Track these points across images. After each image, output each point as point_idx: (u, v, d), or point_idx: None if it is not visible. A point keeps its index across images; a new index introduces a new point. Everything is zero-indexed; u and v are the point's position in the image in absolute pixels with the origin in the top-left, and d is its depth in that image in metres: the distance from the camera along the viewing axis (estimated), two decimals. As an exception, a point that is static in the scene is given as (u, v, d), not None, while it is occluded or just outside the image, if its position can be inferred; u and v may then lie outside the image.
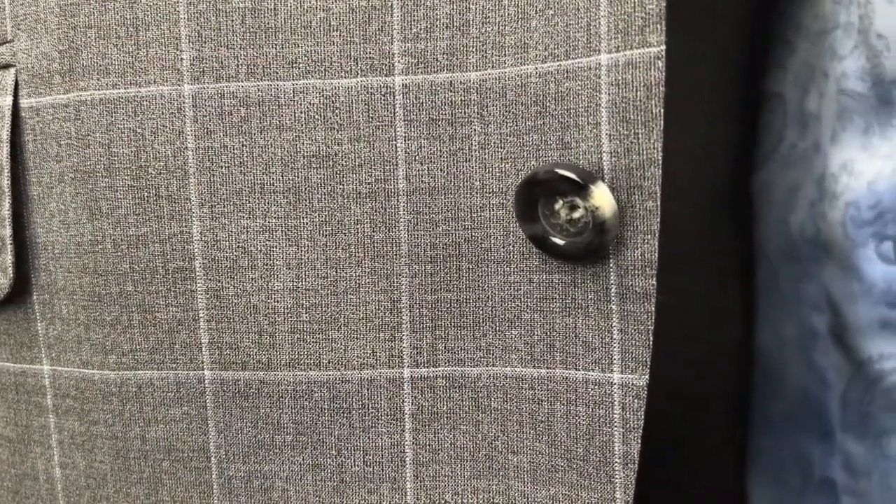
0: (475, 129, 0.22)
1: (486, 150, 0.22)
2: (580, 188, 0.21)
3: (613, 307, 0.21)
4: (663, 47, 0.20)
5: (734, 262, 0.30)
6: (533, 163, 0.21)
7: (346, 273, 0.23)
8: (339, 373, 0.23)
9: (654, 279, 0.20)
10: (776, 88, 0.32)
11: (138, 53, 0.23)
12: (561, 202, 0.21)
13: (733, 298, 0.29)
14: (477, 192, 0.23)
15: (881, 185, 0.26)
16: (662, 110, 0.20)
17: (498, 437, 0.23)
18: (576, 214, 0.21)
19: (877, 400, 0.28)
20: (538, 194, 0.21)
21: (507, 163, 0.22)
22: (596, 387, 0.22)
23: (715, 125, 0.25)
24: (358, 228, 0.23)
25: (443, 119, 0.22)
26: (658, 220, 0.20)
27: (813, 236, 0.29)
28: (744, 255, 0.31)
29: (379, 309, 0.23)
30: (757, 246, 0.33)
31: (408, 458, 0.24)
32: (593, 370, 0.22)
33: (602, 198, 0.20)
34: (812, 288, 0.30)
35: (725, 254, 0.29)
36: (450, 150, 0.22)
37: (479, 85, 0.22)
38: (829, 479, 0.31)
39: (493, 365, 0.23)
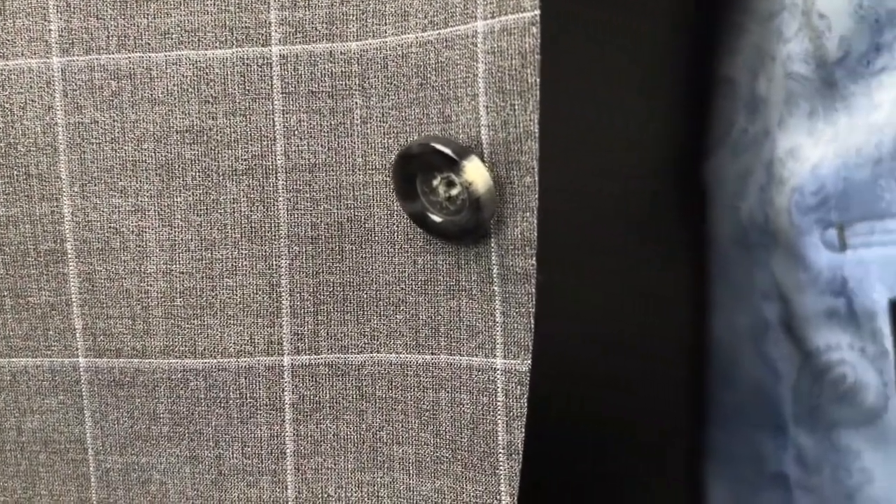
0: (357, 103, 0.21)
1: (369, 125, 0.21)
2: (453, 163, 0.20)
3: (496, 289, 0.20)
4: (538, 12, 0.19)
5: (680, 248, 0.29)
6: (415, 137, 0.21)
7: (221, 255, 0.22)
8: (215, 360, 0.23)
9: (535, 259, 0.20)
10: (727, 73, 0.31)
11: (4, 24, 0.22)
12: (439, 178, 0.20)
13: (678, 285, 0.28)
14: (359, 169, 0.22)
15: (824, 169, 0.25)
16: (538, 80, 0.19)
17: (383, 427, 0.22)
18: (454, 191, 0.20)
19: (825, 392, 0.27)
20: (414, 170, 0.20)
21: (390, 138, 0.21)
22: (479, 373, 0.21)
23: (641, 105, 0.24)
24: (234, 207, 0.22)
25: (323, 92, 0.21)
26: (536, 196, 0.19)
27: (762, 224, 0.28)
28: (694, 242, 0.31)
29: (257, 293, 0.22)
30: (709, 234, 0.32)
31: (288, 450, 0.23)
32: (477, 355, 0.21)
33: (475, 173, 0.20)
34: (762, 277, 0.29)
35: (667, 239, 0.28)
36: (330, 124, 0.21)
37: (360, 55, 0.21)
38: (782, 473, 0.31)
39: (378, 351, 0.22)
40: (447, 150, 0.20)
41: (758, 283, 0.29)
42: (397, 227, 0.22)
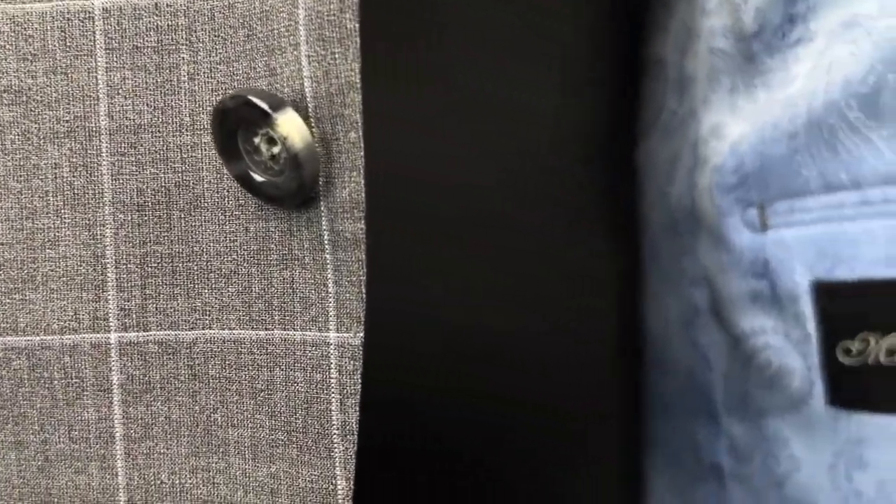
0: (184, 58, 0.20)
1: (196, 81, 0.20)
2: (266, 116, 0.19)
3: (328, 257, 0.19)
4: None
5: (602, 232, 0.28)
6: None
7: (43, 224, 0.21)
8: (38, 338, 0.21)
9: (363, 222, 0.19)
10: (658, 53, 0.30)
11: None
12: (259, 135, 0.19)
13: (596, 269, 0.27)
14: (187, 130, 0.21)
15: (743, 147, 0.24)
16: (358, 25, 0.18)
17: (217, 408, 0.21)
18: (275, 149, 0.19)
19: (752, 378, 0.26)
20: (232, 125, 0.19)
21: (218, 95, 0.20)
22: (313, 348, 0.20)
23: (539, 78, 0.24)
24: (56, 173, 0.21)
25: (148, 47, 0.20)
26: (362, 153, 0.18)
27: (689, 207, 0.27)
28: (622, 227, 0.30)
29: (81, 265, 0.21)
30: (642, 220, 0.32)
31: (117, 434, 0.22)
32: (310, 329, 0.20)
33: (289, 126, 0.18)
34: (690, 262, 0.28)
35: (584, 222, 0.27)
36: (156, 81, 0.20)
37: (187, 8, 0.20)
38: (717, 464, 0.30)
39: (210, 327, 0.21)
40: (260, 103, 0.18)
41: (686, 268, 0.29)
42: (228, 191, 0.20)
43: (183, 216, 0.21)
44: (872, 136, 0.21)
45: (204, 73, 0.20)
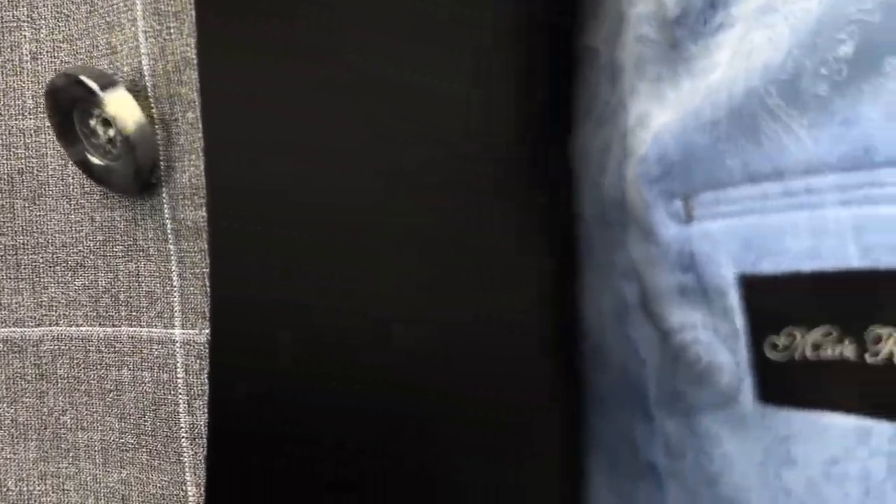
0: (25, 36, 0.19)
1: (39, 61, 0.19)
2: (94, 95, 0.17)
3: (171, 247, 0.18)
4: None
5: (526, 225, 0.27)
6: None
7: None
8: None
9: (205, 209, 0.18)
10: (591, 42, 0.29)
11: None
12: (95, 117, 0.18)
13: (525, 258, 0.27)
14: (30, 113, 0.19)
15: (666, 136, 0.23)
16: None
17: (66, 410, 0.20)
18: (111, 131, 0.18)
19: (683, 374, 0.26)
20: (66, 106, 0.18)
21: None
22: (159, 346, 0.19)
23: (444, 65, 0.23)
24: None
25: None
26: (200, 135, 0.17)
27: (619, 199, 0.27)
28: (553, 220, 0.29)
29: None
30: (577, 213, 0.31)
31: None
32: (156, 326, 0.19)
33: (119, 106, 0.17)
34: (621, 255, 0.27)
35: (504, 214, 0.26)
36: None
37: None
38: (653, 461, 0.29)
39: (57, 324, 0.20)
40: (88, 81, 0.17)
41: (617, 261, 0.28)
42: (72, 178, 0.19)
43: (27, 205, 0.19)
44: (793, 124, 0.20)
45: (46, 52, 0.19)
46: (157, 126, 0.18)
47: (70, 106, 0.18)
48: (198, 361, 0.18)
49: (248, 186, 0.17)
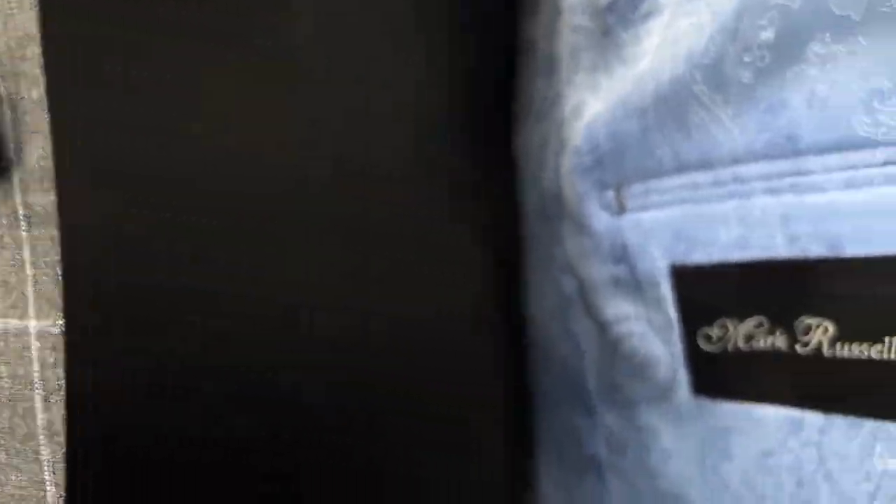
0: None
1: None
2: None
3: (24, 234, 0.17)
4: None
5: (480, 215, 0.26)
6: None
7: None
8: None
9: (56, 195, 0.17)
10: (531, 35, 0.29)
11: None
12: None
13: (474, 253, 0.26)
14: None
15: (597, 126, 0.23)
16: None
17: None
18: None
19: (621, 367, 0.26)
20: None
21: None
22: (15, 338, 0.18)
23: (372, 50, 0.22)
24: None
25: None
26: (46, 114, 0.17)
27: (556, 192, 0.26)
28: (495, 214, 0.29)
29: None
30: (520, 209, 0.31)
31: None
32: (12, 317, 0.18)
33: None
34: (559, 249, 0.27)
35: (453, 200, 0.25)
36: None
37: None
38: (595, 456, 0.29)
39: None
40: None
41: (557, 256, 0.27)
42: None
43: None
44: (719, 112, 0.20)
45: None
46: (4, 104, 0.17)
47: None
48: (53, 354, 0.17)
49: (101, 168, 0.17)
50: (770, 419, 0.22)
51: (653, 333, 0.23)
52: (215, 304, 0.18)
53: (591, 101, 0.23)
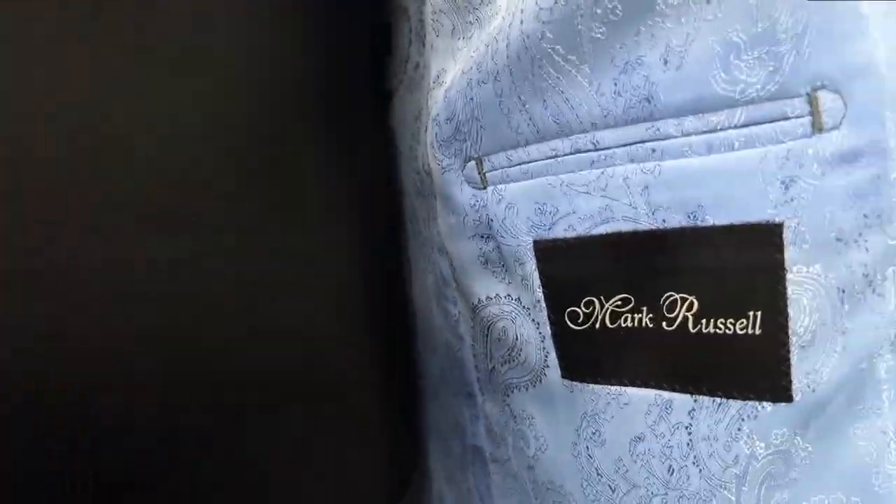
0: None
1: None
2: None
3: None
4: None
5: (350, 194, 0.24)
6: None
7: None
8: None
9: None
10: (404, 2, 0.27)
11: None
12: None
13: (340, 233, 0.24)
14: None
15: (453, 93, 0.21)
16: None
17: None
18: None
19: (494, 350, 0.24)
20: None
21: None
22: None
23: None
24: None
25: None
26: None
27: (427, 167, 0.25)
28: (370, 187, 0.27)
29: None
30: (399, 185, 0.29)
31: None
32: None
33: None
34: (434, 227, 0.25)
35: (318, 176, 0.23)
36: None
37: None
38: (479, 447, 0.27)
39: None
40: None
41: (433, 235, 0.26)
42: None
43: None
44: (575, 73, 0.18)
45: None
46: None
47: None
48: None
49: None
50: (639, 402, 0.20)
51: (523, 314, 0.22)
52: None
53: (451, 68, 0.22)
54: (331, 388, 0.25)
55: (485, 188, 0.21)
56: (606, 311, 0.20)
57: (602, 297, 0.20)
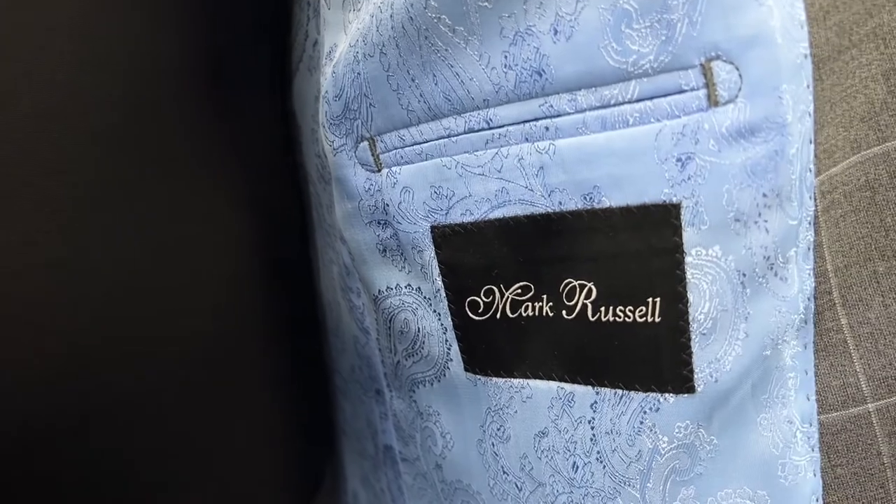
0: None
1: None
2: None
3: None
4: None
5: (237, 181, 0.23)
6: None
7: None
8: None
9: None
10: None
11: None
12: None
13: (229, 224, 0.23)
14: None
15: (341, 68, 0.20)
16: None
17: None
18: None
19: (398, 344, 0.23)
20: None
21: None
22: None
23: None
24: None
25: None
26: None
27: (324, 150, 0.23)
28: (272, 175, 0.25)
29: None
30: (301, 171, 0.27)
31: None
32: None
33: None
34: (335, 215, 0.24)
35: (203, 164, 0.22)
36: None
37: None
38: (389, 446, 0.26)
39: None
40: None
41: (336, 222, 0.24)
42: None
43: None
44: (464, 46, 0.17)
45: None
46: None
47: None
48: None
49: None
50: (542, 396, 0.19)
51: (424, 305, 0.21)
52: None
53: (343, 42, 0.20)
54: (228, 388, 0.24)
55: (379, 171, 0.20)
56: (507, 300, 0.19)
57: (502, 286, 0.19)
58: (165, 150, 0.20)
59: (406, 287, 0.21)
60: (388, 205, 0.20)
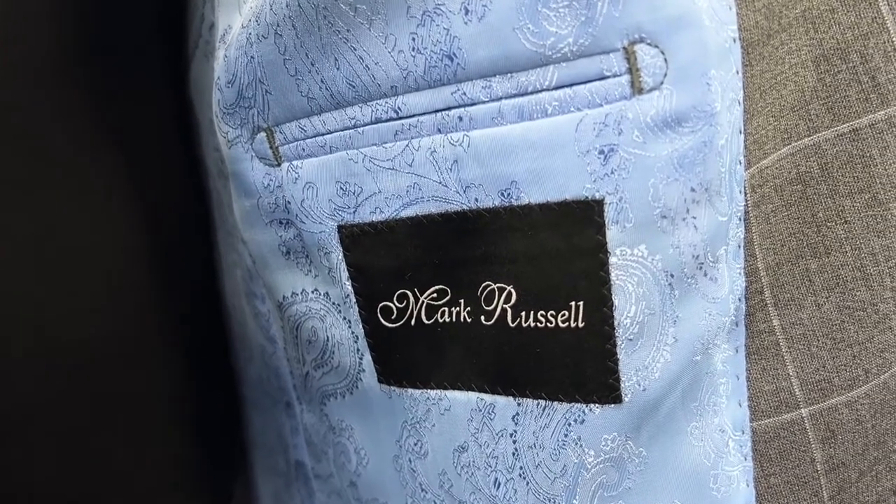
0: None
1: None
2: None
3: None
4: None
5: (122, 176, 0.21)
6: None
7: None
8: None
9: None
10: None
11: None
12: None
13: (114, 226, 0.21)
14: None
15: (233, 51, 0.18)
16: None
17: None
18: None
19: (306, 354, 0.21)
20: None
21: None
22: None
23: None
24: None
25: None
26: None
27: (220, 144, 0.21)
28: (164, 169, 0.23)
29: None
30: (202, 164, 0.25)
31: None
32: None
33: None
34: (233, 214, 0.22)
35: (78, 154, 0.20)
36: None
37: None
38: (301, 462, 0.24)
39: None
40: None
41: (237, 222, 0.22)
42: None
43: None
44: (367, 26, 0.16)
45: None
46: None
47: None
48: None
49: None
50: (461, 408, 0.18)
51: (332, 311, 0.19)
52: None
53: (236, 24, 0.18)
54: (121, 399, 0.21)
55: (279, 165, 0.18)
56: (422, 305, 0.17)
57: (416, 290, 0.17)
58: (39, 143, 0.18)
59: (313, 292, 0.19)
60: (289, 202, 0.18)
